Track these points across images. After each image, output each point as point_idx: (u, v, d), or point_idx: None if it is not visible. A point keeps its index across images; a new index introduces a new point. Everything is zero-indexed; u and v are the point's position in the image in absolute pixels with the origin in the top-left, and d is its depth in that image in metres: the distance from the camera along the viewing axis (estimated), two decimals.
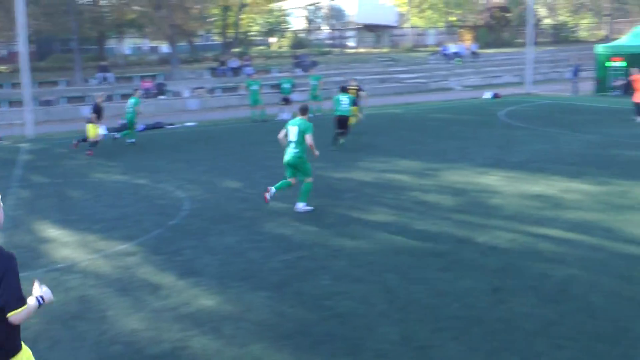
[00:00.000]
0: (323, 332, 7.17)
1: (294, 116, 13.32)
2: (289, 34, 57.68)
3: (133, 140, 22.41)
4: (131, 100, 22.39)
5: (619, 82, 32.33)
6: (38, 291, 4.35)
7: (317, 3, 62.50)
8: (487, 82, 43.45)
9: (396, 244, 10.23)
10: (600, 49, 36.27)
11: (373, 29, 62.99)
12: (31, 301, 4.23)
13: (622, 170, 15.37)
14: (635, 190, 13.41)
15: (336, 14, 68.01)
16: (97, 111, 20.41)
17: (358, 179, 15.19)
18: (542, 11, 64.56)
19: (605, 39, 54.94)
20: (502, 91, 36.17)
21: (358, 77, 27.88)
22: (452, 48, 49.09)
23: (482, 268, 9.06)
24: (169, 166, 17.78)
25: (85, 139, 20.74)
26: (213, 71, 40.67)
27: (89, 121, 20.54)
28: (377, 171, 15.94)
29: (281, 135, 12.75)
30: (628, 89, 28.88)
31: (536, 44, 55.18)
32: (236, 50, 47.49)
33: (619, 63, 34.69)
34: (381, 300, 8.00)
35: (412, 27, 59.86)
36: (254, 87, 27.85)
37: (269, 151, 19.33)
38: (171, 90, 36.52)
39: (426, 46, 59.08)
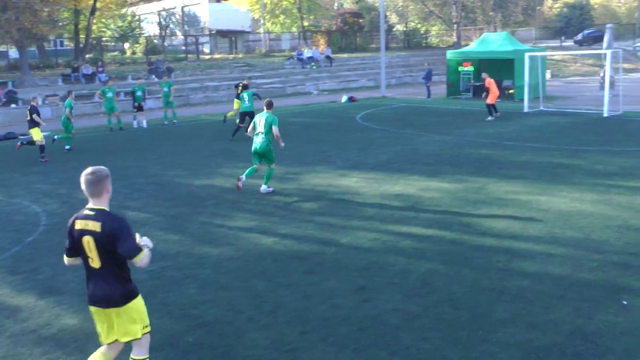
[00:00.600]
0: (191, 342, 7.02)
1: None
2: (142, 40, 56.31)
3: None
4: None
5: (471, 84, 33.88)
6: (141, 242, 5.39)
7: (170, 9, 61.52)
8: (343, 86, 44.30)
9: (260, 249, 10.19)
10: (450, 54, 37.89)
11: (227, 35, 62.73)
12: (144, 248, 5.34)
13: (476, 167, 16.09)
14: (489, 186, 14.06)
15: (190, 20, 67.28)
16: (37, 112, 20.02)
17: (219, 185, 15.04)
18: (394, 17, 66.63)
19: (455, 45, 57.45)
20: (358, 95, 36.99)
21: (214, 84, 27.71)
22: (307, 53, 49.65)
23: (346, 268, 9.19)
24: (24, 179, 16.90)
25: (31, 142, 20.13)
26: (66, 78, 39.06)
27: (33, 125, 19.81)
28: (237, 177, 15.83)
29: (250, 128, 14.10)
30: (480, 91, 30.35)
31: (389, 49, 57.06)
32: (89, 56, 45.92)
33: (468, 68, 36.41)
34: (249, 306, 7.93)
35: (266, 32, 60.06)
36: (109, 95, 27.01)
37: (127, 160, 18.83)
38: (22, 98, 34.75)
39: (281, 51, 59.51)
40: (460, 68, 36.67)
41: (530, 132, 22.34)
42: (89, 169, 5.36)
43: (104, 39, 54.60)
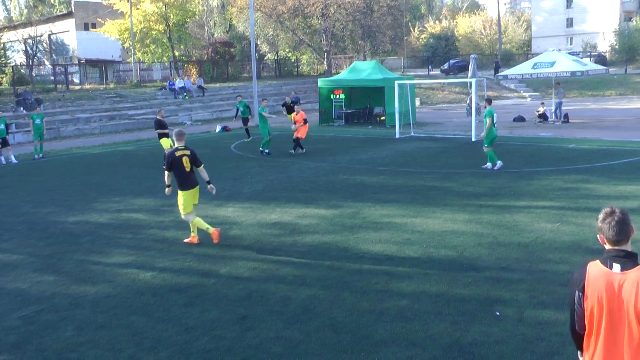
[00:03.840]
0: None
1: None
2: (9, 70, 53.78)
3: None
4: None
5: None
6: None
7: (37, 36, 59.31)
8: (216, 115, 44.08)
9: (139, 285, 9.92)
10: (322, 82, 38.50)
11: (97, 64, 61.18)
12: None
13: (351, 193, 16.37)
14: (364, 210, 14.32)
15: (58, 48, 65.16)
16: None
17: (94, 221, 14.55)
18: (265, 46, 67.20)
19: (326, 73, 58.50)
20: (231, 124, 36.89)
21: (86, 115, 26.78)
22: (179, 83, 49.17)
23: (227, 298, 9.09)
24: None
25: None
26: None
27: None
28: (113, 211, 15.41)
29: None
30: (353, 118, 30.84)
31: (261, 78, 57.44)
32: None
33: (339, 95, 37.12)
34: (128, 344, 7.68)
35: (136, 62, 59.03)
36: None
37: None
38: None
39: (153, 81, 58.58)
40: (332, 96, 37.32)
41: (403, 157, 22.99)
42: None
43: None
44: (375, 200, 15.37)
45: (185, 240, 12.27)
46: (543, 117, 34.42)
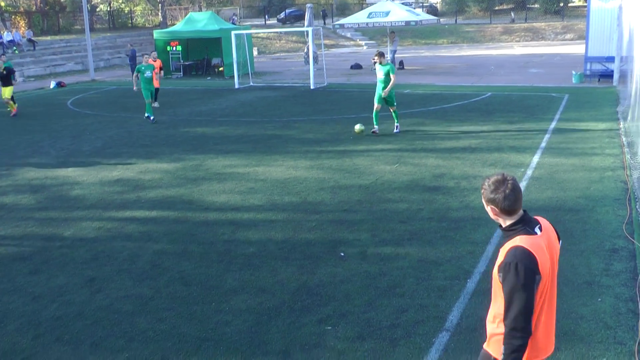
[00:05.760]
0: None
1: None
2: None
3: None
4: None
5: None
6: None
7: None
8: (49, 71, 41.98)
9: None
10: (157, 34, 37.59)
11: None
12: None
13: (192, 145, 16.29)
14: (207, 162, 14.34)
15: None
16: None
17: None
18: None
19: (161, 25, 56.99)
20: (66, 79, 35.38)
21: None
22: (7, 36, 46.22)
23: (73, 262, 8.90)
24: None
25: None
26: None
27: None
28: None
29: None
30: (191, 70, 30.29)
31: (94, 30, 55.15)
32: None
33: (176, 47, 36.45)
34: None
35: None
36: None
37: None
38: None
39: None
40: (168, 48, 36.57)
41: (243, 107, 23.04)
42: None
43: None
44: (217, 152, 15.40)
45: None
46: None
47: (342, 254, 8.58)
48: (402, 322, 6.67)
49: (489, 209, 3.83)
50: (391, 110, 16.82)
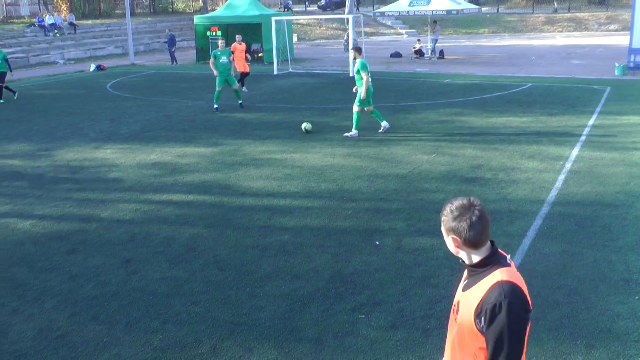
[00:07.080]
0: None
1: None
2: None
3: None
4: None
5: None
6: None
7: None
8: (90, 54, 42.44)
9: (18, 235, 9.57)
10: (198, 19, 37.73)
11: None
12: None
13: (230, 130, 16.34)
14: (244, 147, 14.38)
15: None
16: None
17: None
18: None
19: (202, 10, 57.20)
20: (106, 63, 35.73)
21: None
22: (49, 20, 46.72)
23: (109, 243, 8.99)
24: None
25: None
26: None
27: None
28: None
29: None
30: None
31: (135, 14, 55.56)
32: None
33: (216, 33, 36.54)
34: (11, 297, 7.45)
35: None
36: None
37: None
38: None
39: (20, 17, 55.37)
40: (208, 33, 36.69)
41: (281, 93, 23.05)
42: None
43: None
44: (254, 137, 15.43)
45: None
46: (419, 53, 35.17)
47: (377, 243, 8.54)
48: (436, 313, 6.62)
49: (449, 239, 3.27)
50: (366, 109, 15.36)
